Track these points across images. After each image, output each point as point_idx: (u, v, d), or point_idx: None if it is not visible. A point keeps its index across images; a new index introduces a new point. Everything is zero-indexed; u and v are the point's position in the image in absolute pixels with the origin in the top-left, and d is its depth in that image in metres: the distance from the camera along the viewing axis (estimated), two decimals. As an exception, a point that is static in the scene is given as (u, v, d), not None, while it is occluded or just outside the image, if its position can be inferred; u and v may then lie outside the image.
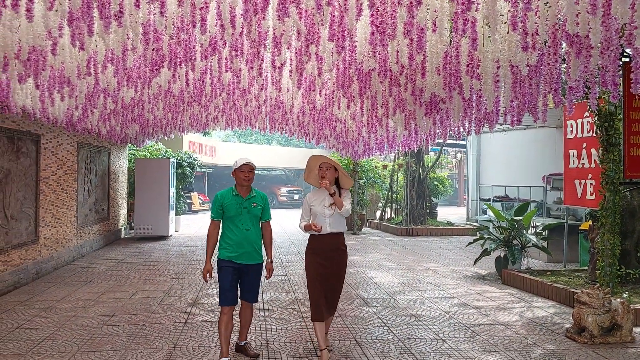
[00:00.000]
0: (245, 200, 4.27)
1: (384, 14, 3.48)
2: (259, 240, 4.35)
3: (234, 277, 4.24)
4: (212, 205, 4.33)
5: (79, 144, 9.92)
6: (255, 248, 4.28)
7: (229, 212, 4.23)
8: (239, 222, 4.23)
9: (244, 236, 4.23)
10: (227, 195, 4.29)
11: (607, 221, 6.09)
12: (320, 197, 4.37)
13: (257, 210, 4.32)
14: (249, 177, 4.27)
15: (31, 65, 4.17)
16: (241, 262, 4.23)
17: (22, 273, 7.38)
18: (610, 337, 4.93)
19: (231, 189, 4.33)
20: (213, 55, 4.64)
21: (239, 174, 4.25)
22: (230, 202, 4.24)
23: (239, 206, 4.24)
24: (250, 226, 4.26)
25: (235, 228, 4.24)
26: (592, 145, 6.82)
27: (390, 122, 7.52)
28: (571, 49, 3.52)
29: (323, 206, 4.31)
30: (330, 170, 4.30)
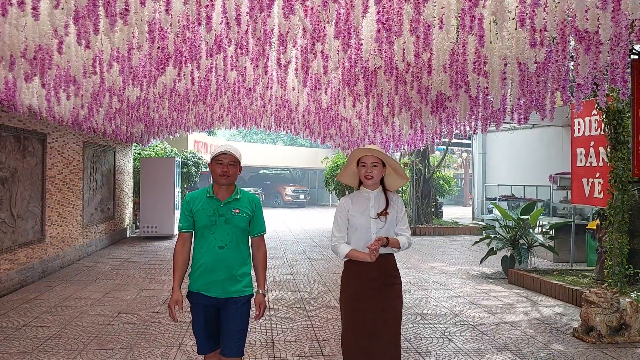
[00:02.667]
0: (223, 204, 3.01)
1: (390, 11, 3.46)
2: (241, 263, 3.02)
3: (208, 317, 3.02)
4: (180, 211, 3.12)
5: (84, 143, 9.94)
6: (233, 275, 2.98)
7: (200, 220, 3.00)
8: (212, 236, 2.98)
9: (215, 257, 2.96)
10: (200, 197, 3.07)
11: (616, 220, 6.04)
12: (363, 203, 3.18)
13: (241, 220, 3.03)
14: (229, 172, 3.00)
15: (37, 64, 4.17)
16: (213, 295, 2.97)
17: (29, 271, 7.41)
18: (618, 337, 4.89)
19: (206, 189, 3.11)
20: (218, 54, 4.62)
21: (215, 168, 3.01)
22: (202, 207, 3.01)
23: (214, 213, 2.99)
24: (227, 242, 2.98)
25: (205, 244, 2.99)
26: (600, 144, 6.77)
27: (396, 121, 7.48)
28: (580, 45, 3.48)
29: (368, 217, 3.13)
30: (378, 168, 3.13)
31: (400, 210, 3.22)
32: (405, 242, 3.16)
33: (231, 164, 3.03)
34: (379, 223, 3.13)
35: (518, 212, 8.62)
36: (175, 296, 3.00)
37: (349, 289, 3.17)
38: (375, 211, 3.15)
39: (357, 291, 3.12)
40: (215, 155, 3.04)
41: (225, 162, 3.02)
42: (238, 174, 3.09)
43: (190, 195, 3.15)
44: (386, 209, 3.15)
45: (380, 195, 3.21)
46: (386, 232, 3.12)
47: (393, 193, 3.25)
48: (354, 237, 3.18)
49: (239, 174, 3.09)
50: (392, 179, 3.28)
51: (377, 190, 3.21)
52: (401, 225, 3.21)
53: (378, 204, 3.18)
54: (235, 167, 3.05)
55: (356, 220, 3.16)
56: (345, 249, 3.14)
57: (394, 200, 3.22)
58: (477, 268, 8.97)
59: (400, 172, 3.25)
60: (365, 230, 3.14)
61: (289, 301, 6.44)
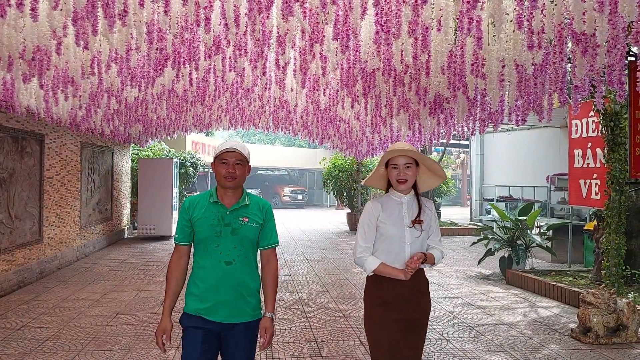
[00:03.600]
0: (229, 211, 2.55)
1: (389, 13, 3.47)
2: (251, 280, 2.58)
3: (207, 347, 2.52)
4: (178, 220, 2.67)
5: (82, 144, 9.93)
6: (243, 294, 2.54)
7: (201, 231, 2.54)
8: (216, 250, 2.52)
9: (222, 274, 2.51)
10: (201, 202, 2.61)
11: (613, 221, 6.07)
12: (395, 208, 2.77)
13: (250, 230, 2.57)
14: (235, 173, 2.54)
15: (35, 64, 4.17)
16: (217, 319, 2.50)
17: (26, 272, 7.40)
18: (615, 337, 4.90)
19: (208, 192, 2.64)
20: (217, 55, 4.63)
21: (219, 168, 2.57)
22: (203, 215, 2.55)
23: (218, 222, 2.53)
24: (235, 256, 2.53)
25: (209, 259, 2.53)
26: (597, 145, 6.79)
27: (394, 122, 7.50)
28: (577, 47, 3.50)
29: (402, 225, 2.73)
30: (411, 169, 2.73)
31: (433, 218, 2.83)
32: (439, 257, 2.81)
33: (238, 163, 2.55)
34: (415, 232, 2.73)
35: (516, 213, 8.64)
36: (163, 325, 2.52)
37: (376, 308, 2.76)
38: (409, 218, 2.74)
39: (389, 311, 2.71)
40: (219, 154, 2.57)
41: (232, 162, 2.54)
42: (247, 175, 2.62)
43: (189, 200, 2.63)
44: (419, 215, 2.75)
45: (413, 200, 2.80)
46: (421, 243, 2.76)
47: (425, 198, 2.87)
48: (383, 249, 2.75)
49: (248, 175, 2.65)
50: (425, 179, 2.89)
51: (410, 194, 2.80)
52: (434, 237, 2.83)
53: (411, 209, 2.77)
54: (244, 167, 2.58)
55: (388, 229, 2.73)
56: (374, 263, 2.72)
57: (427, 206, 2.82)
58: (474, 269, 8.99)
59: (436, 170, 2.85)
60: (399, 241, 2.72)
61: (287, 302, 6.45)
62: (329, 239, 13.60)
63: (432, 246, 2.82)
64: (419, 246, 2.75)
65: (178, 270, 2.61)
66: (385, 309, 2.72)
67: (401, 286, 2.71)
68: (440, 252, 2.83)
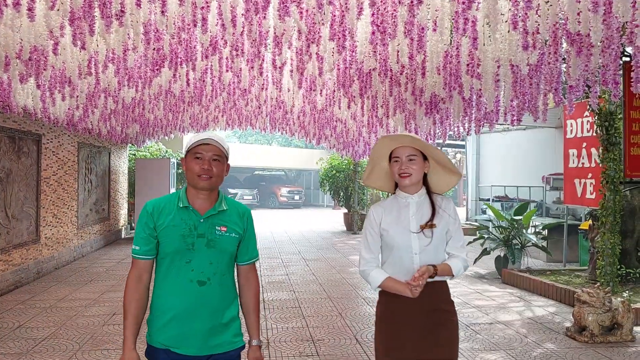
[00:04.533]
0: (203, 219, 2.09)
1: (385, 14, 3.49)
2: (228, 303, 2.15)
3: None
4: (137, 228, 2.16)
5: (79, 144, 9.92)
6: (219, 321, 2.11)
7: (168, 243, 2.07)
8: (187, 267, 2.06)
9: (194, 297, 2.06)
10: (167, 207, 2.11)
11: (608, 220, 6.11)
12: (400, 212, 2.37)
13: (229, 242, 2.13)
14: (212, 171, 2.08)
15: (32, 64, 4.17)
16: (188, 352, 2.07)
17: (23, 272, 7.39)
18: (610, 336, 4.94)
19: (176, 195, 2.15)
20: (214, 55, 4.64)
21: (192, 164, 2.09)
22: (171, 223, 2.08)
23: (190, 231, 2.07)
24: (211, 274, 2.08)
25: (178, 279, 2.07)
26: (592, 145, 6.83)
27: (390, 122, 7.52)
28: (572, 47, 3.53)
29: (408, 231, 2.32)
30: (416, 162, 2.31)
31: (452, 220, 2.37)
32: (460, 267, 2.32)
33: (215, 159, 2.09)
34: (424, 239, 2.30)
35: (511, 212, 8.68)
36: (128, 357, 2.04)
37: (386, 330, 2.35)
38: (417, 223, 2.32)
39: (397, 334, 2.30)
40: (192, 147, 2.09)
41: (207, 157, 2.08)
42: (225, 175, 2.16)
43: (152, 203, 2.12)
44: (432, 218, 2.31)
45: (424, 200, 2.37)
46: (434, 252, 2.32)
47: (442, 196, 2.43)
48: (389, 260, 2.38)
49: (226, 175, 2.18)
50: (438, 177, 2.44)
51: (418, 193, 2.37)
52: (454, 242, 2.37)
53: (421, 212, 2.35)
54: (222, 165, 2.12)
55: (391, 237, 2.33)
56: (379, 277, 2.34)
57: (444, 207, 2.37)
58: (470, 268, 9.02)
59: (450, 166, 2.39)
60: (405, 250, 2.31)
61: (284, 301, 6.46)
62: (325, 238, 13.62)
63: (452, 254, 2.36)
64: (432, 255, 2.31)
65: (139, 291, 2.08)
66: (396, 328, 2.31)
67: (415, 302, 2.25)
68: (462, 261, 2.34)
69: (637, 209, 7.09)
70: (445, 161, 2.38)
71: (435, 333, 2.31)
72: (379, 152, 2.43)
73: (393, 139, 2.36)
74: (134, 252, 2.11)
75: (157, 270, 2.15)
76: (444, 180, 2.46)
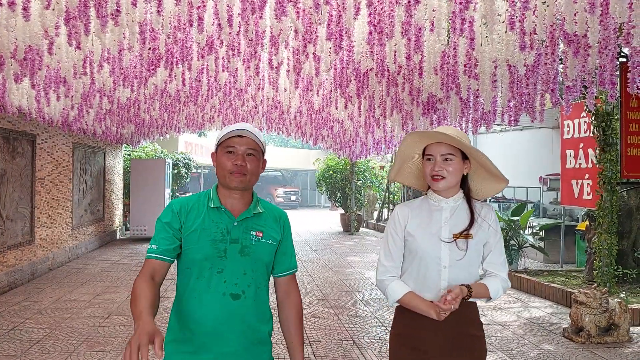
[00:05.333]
0: (237, 222, 1.83)
1: (382, 14, 3.47)
2: (264, 320, 1.87)
3: None
4: (158, 225, 1.83)
5: (74, 145, 9.88)
6: (254, 342, 1.83)
7: (198, 249, 1.78)
8: (218, 277, 1.78)
9: (227, 312, 1.76)
10: (196, 207, 1.85)
11: (605, 221, 6.11)
12: (430, 216, 2.02)
13: (266, 249, 1.86)
14: (246, 167, 1.80)
15: (27, 64, 4.14)
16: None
17: (18, 274, 7.34)
18: (607, 337, 4.94)
19: (205, 194, 1.89)
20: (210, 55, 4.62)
21: (223, 159, 1.82)
22: (201, 226, 1.81)
23: (222, 236, 1.80)
24: (246, 287, 1.80)
25: (207, 291, 1.77)
26: (589, 145, 6.84)
27: (387, 123, 7.52)
28: (569, 48, 3.52)
29: (437, 240, 1.98)
30: (453, 162, 1.96)
31: (493, 232, 2.02)
32: (499, 289, 1.98)
33: (251, 153, 1.82)
34: (456, 251, 1.95)
35: (508, 213, 8.67)
36: (145, 327, 1.44)
37: (403, 354, 2.04)
38: (450, 230, 1.97)
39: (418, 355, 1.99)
40: (223, 139, 1.81)
41: (241, 151, 1.80)
42: (261, 172, 1.89)
43: (180, 202, 1.85)
44: (470, 227, 1.96)
45: (461, 206, 2.02)
46: (467, 267, 1.96)
47: (482, 203, 2.07)
48: (411, 270, 2.02)
49: (262, 172, 1.92)
50: (481, 181, 2.09)
51: (454, 197, 2.02)
52: (494, 258, 2.01)
53: (456, 219, 1.99)
54: (258, 160, 1.85)
55: (417, 244, 1.99)
56: (399, 290, 1.99)
57: (483, 215, 2.01)
58: (467, 269, 9.02)
59: (496, 172, 2.03)
60: (432, 261, 1.97)
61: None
62: (322, 239, 13.60)
63: (489, 272, 2.01)
64: (465, 271, 1.96)
65: (150, 288, 1.67)
66: (415, 354, 1.99)
67: (438, 326, 1.92)
68: (502, 282, 1.99)
69: (634, 209, 7.10)
70: (489, 165, 2.01)
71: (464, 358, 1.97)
72: (407, 150, 2.09)
73: (424, 136, 2.00)
74: (150, 252, 1.77)
75: (180, 284, 1.82)
76: (487, 185, 2.09)
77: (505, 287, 2.01)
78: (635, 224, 7.10)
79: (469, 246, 1.96)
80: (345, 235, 14.72)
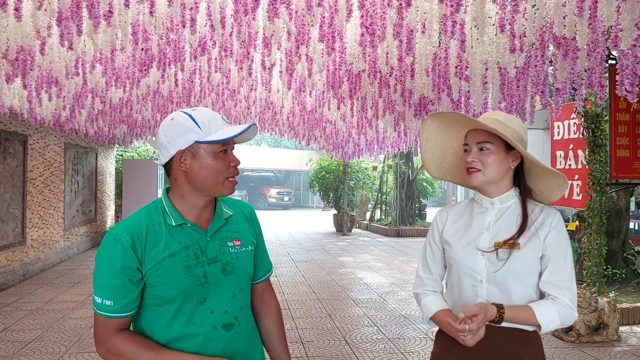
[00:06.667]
0: (209, 236, 1.47)
1: (374, 16, 3.50)
2: (257, 344, 1.62)
3: None
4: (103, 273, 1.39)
5: (66, 145, 9.84)
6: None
7: (169, 284, 1.40)
8: (203, 310, 1.44)
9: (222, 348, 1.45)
10: (152, 230, 1.42)
11: (594, 221, 6.17)
12: (471, 220, 1.70)
13: (248, 259, 1.55)
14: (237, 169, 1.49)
15: (19, 65, 4.13)
16: None
17: (9, 274, 7.30)
18: (597, 336, 4.99)
19: (153, 209, 1.48)
20: (202, 56, 4.63)
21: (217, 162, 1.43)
22: (164, 248, 1.40)
23: (195, 256, 1.43)
24: (238, 311, 1.51)
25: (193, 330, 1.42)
26: (579, 147, 6.90)
27: (379, 124, 7.55)
28: (558, 50, 3.56)
29: (474, 247, 1.65)
30: (491, 152, 1.62)
31: (553, 243, 1.59)
32: (553, 317, 1.54)
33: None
34: (494, 262, 1.60)
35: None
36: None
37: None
38: (492, 238, 1.63)
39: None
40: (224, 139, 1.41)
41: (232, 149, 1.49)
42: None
43: (126, 230, 1.40)
44: (519, 235, 1.60)
45: (512, 209, 1.66)
46: (504, 283, 1.60)
47: (542, 207, 1.67)
48: (452, 285, 1.73)
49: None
50: (540, 178, 1.70)
51: (502, 197, 1.67)
52: (552, 276, 1.58)
53: (504, 224, 1.64)
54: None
55: (453, 253, 1.69)
56: (431, 307, 1.72)
57: (541, 221, 1.62)
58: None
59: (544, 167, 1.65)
60: (467, 274, 1.65)
61: (273, 303, 6.45)
62: (315, 240, 13.62)
63: (547, 294, 1.59)
64: (504, 288, 1.59)
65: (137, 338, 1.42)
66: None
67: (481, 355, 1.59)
68: (561, 308, 1.55)
69: (623, 210, 7.17)
70: (542, 165, 1.64)
71: None
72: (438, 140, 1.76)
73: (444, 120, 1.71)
74: (103, 309, 1.39)
75: (151, 326, 1.43)
76: (548, 183, 1.67)
77: (566, 315, 1.55)
78: (624, 224, 7.18)
79: (511, 257, 1.57)
80: (338, 236, 14.75)
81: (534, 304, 1.56)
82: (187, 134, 1.40)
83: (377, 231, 15.68)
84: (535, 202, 1.68)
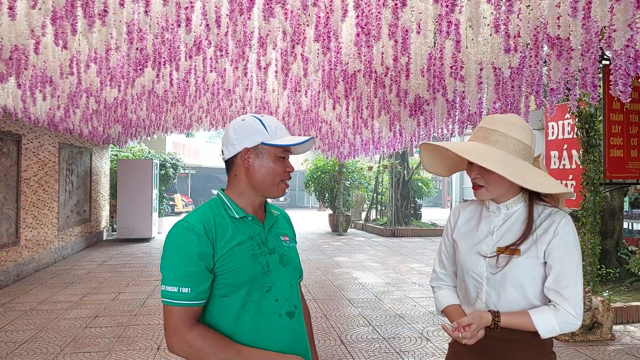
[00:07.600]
0: (267, 229, 1.61)
1: (369, 16, 3.50)
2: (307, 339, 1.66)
3: None
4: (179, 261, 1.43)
5: (60, 145, 9.80)
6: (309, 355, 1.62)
7: (239, 270, 1.47)
8: (269, 298, 1.52)
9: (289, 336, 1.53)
10: (220, 221, 1.51)
11: (588, 221, 6.20)
12: (480, 222, 1.71)
13: (296, 255, 1.68)
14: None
15: (13, 64, 4.11)
16: None
17: (3, 275, 7.27)
18: (591, 335, 5.01)
19: (216, 204, 1.57)
20: (198, 55, 4.62)
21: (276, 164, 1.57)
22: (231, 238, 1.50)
23: (259, 246, 1.54)
24: (296, 300, 1.61)
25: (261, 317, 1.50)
26: (573, 147, 6.93)
27: (375, 124, 7.56)
28: (552, 51, 3.58)
29: (477, 252, 1.67)
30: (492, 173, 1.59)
31: (557, 249, 1.57)
32: (552, 325, 1.54)
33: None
34: (494, 267, 1.61)
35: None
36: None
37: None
38: (495, 242, 1.64)
39: None
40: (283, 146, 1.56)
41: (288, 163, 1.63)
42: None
43: (197, 220, 1.48)
44: (522, 240, 1.59)
45: (520, 213, 1.65)
46: (503, 288, 1.60)
47: (553, 210, 1.63)
48: (460, 282, 1.76)
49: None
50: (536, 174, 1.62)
51: (510, 202, 1.66)
52: (555, 283, 1.56)
53: (509, 228, 1.64)
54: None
55: (460, 253, 1.72)
56: (444, 301, 1.78)
57: (547, 226, 1.59)
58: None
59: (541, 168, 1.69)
60: (471, 277, 1.67)
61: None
62: (310, 240, 13.62)
63: (551, 302, 1.58)
64: (504, 293, 1.60)
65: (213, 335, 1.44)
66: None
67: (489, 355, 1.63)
68: (558, 315, 1.55)
69: (617, 209, 7.21)
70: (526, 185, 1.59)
71: None
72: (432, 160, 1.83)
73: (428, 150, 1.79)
74: (180, 298, 1.41)
75: (217, 319, 1.48)
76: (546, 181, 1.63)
77: (566, 323, 1.54)
78: (618, 224, 7.22)
79: (509, 263, 1.58)
80: (334, 236, 14.75)
81: (533, 311, 1.56)
82: (255, 135, 1.55)
83: (372, 231, 15.69)
84: (545, 206, 1.65)
